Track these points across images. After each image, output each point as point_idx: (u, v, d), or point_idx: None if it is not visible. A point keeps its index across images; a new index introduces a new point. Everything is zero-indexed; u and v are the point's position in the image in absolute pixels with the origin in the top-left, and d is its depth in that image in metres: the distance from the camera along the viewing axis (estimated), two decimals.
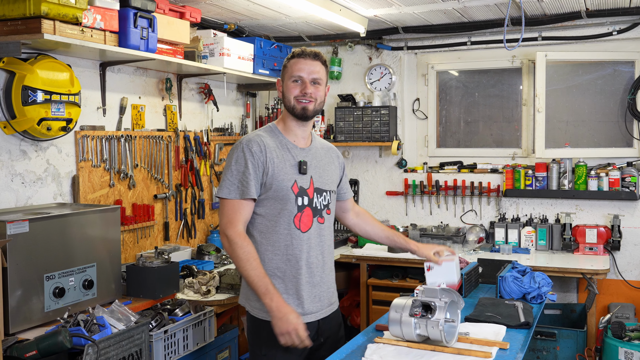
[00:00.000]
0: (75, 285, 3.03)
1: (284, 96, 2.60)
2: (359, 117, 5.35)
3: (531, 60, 5.06)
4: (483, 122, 5.45)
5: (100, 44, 3.38)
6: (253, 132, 2.61)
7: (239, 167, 2.49)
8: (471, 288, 3.46)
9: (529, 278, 3.37)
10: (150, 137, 4.28)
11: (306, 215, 2.56)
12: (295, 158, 2.57)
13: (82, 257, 3.08)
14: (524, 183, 4.96)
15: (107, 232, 3.26)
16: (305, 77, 2.55)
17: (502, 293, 3.29)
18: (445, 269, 2.92)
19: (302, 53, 2.58)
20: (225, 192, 2.49)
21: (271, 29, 5.16)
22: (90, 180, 3.80)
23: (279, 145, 2.57)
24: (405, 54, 5.44)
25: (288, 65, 2.60)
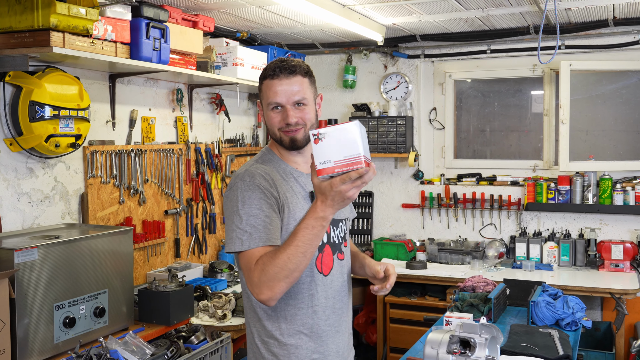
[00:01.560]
0: (86, 314, 2.87)
1: (267, 126, 2.16)
2: (374, 127, 5.19)
3: (553, 69, 4.90)
4: (502, 133, 5.30)
5: (111, 56, 3.22)
6: (249, 164, 2.14)
7: (249, 210, 1.99)
8: (500, 312, 3.30)
9: (561, 303, 3.22)
10: (161, 150, 4.12)
11: (327, 254, 2.17)
12: (305, 188, 2.15)
13: (93, 284, 2.93)
14: (546, 196, 4.81)
15: (119, 255, 3.10)
16: (285, 102, 2.08)
17: (535, 319, 3.14)
18: (342, 137, 1.71)
19: (273, 73, 2.09)
20: (238, 244, 1.97)
21: (284, 37, 5.01)
22: (99, 198, 3.64)
23: (283, 175, 2.14)
24: (422, 62, 5.29)
25: (263, 88, 2.13)
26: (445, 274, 4.52)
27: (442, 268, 4.70)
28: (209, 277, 4.24)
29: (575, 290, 4.13)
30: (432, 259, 4.94)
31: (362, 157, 1.69)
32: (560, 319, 3.12)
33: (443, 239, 5.20)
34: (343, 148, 1.70)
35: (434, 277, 4.53)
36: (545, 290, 3.36)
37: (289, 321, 2.09)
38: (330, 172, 1.72)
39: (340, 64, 5.50)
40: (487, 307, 3.21)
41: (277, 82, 2.08)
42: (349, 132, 1.69)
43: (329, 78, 5.57)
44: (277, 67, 2.09)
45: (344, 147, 1.70)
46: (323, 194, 1.81)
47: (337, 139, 1.70)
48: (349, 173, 1.72)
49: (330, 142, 1.71)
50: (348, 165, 1.70)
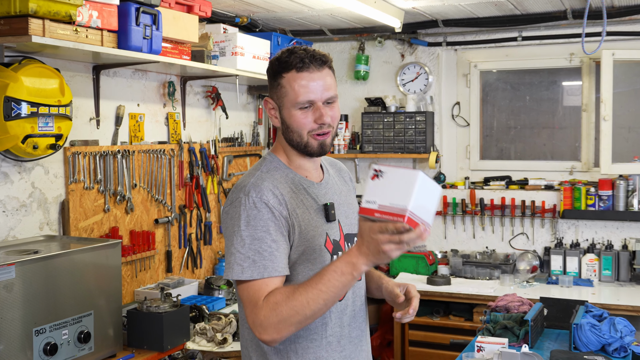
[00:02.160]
0: (69, 339, 2.83)
1: (288, 128, 2.04)
2: (390, 124, 5.15)
3: (593, 58, 4.86)
4: (534, 130, 5.26)
5: (97, 45, 3.19)
6: (252, 174, 2.04)
7: (254, 232, 1.91)
8: (537, 336, 3.26)
9: (608, 325, 3.17)
10: (151, 151, 4.08)
11: None
12: (317, 200, 2.07)
13: (77, 305, 2.89)
14: (585, 203, 4.76)
15: (105, 272, 3.06)
16: (318, 99, 1.98)
17: (577, 344, 3.09)
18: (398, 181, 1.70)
19: (302, 63, 1.97)
20: (237, 271, 1.90)
21: (289, 22, 4.96)
22: (82, 206, 3.60)
23: (292, 187, 2.04)
24: (444, 50, 5.24)
25: (283, 82, 2.00)
26: (472, 291, 4.47)
27: (468, 284, 4.65)
28: (204, 294, 4.20)
29: (619, 309, 4.08)
30: (456, 273, 4.90)
31: (408, 212, 1.63)
32: (607, 343, 3.07)
33: (468, 251, 5.16)
34: (394, 194, 1.66)
35: (459, 294, 4.48)
36: (588, 311, 3.32)
37: (300, 355, 2.02)
38: (370, 214, 1.68)
39: (352, 52, 5.46)
40: (523, 330, 3.17)
41: (308, 74, 1.98)
42: (407, 179, 1.65)
43: (338, 68, 5.52)
44: (305, 57, 1.98)
45: (394, 193, 1.66)
46: (361, 236, 1.76)
47: (393, 181, 1.67)
48: (387, 223, 1.67)
49: (385, 182, 1.68)
50: (388, 214, 1.65)
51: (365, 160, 5.48)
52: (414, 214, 1.64)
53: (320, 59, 2.00)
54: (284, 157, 2.11)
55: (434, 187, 1.70)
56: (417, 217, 1.65)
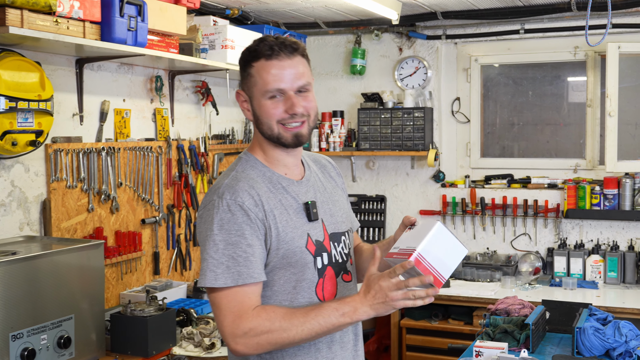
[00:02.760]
0: (48, 345, 2.79)
1: (259, 120, 2.00)
2: (387, 121, 5.12)
3: (598, 52, 4.83)
4: (537, 127, 5.23)
5: (79, 37, 3.15)
6: (227, 175, 2.01)
7: (228, 236, 1.88)
8: (539, 340, 3.23)
9: (612, 329, 3.13)
10: (137, 148, 4.04)
11: (329, 278, 2.05)
12: (297, 199, 2.03)
13: (57, 308, 2.85)
14: (590, 202, 4.73)
15: (87, 274, 3.03)
16: (288, 88, 1.95)
17: (580, 349, 3.05)
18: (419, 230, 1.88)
19: (271, 51, 1.94)
20: (211, 277, 1.86)
21: (282, 15, 4.93)
22: (64, 205, 3.56)
23: (270, 186, 2.00)
24: (444, 43, 5.21)
25: (253, 71, 1.97)
26: (472, 293, 4.44)
27: (468, 286, 4.62)
28: (193, 297, 4.16)
29: (625, 312, 4.05)
30: (456, 275, 4.86)
31: (416, 252, 1.72)
32: (612, 348, 3.03)
33: (469, 252, 5.10)
34: (413, 239, 1.79)
35: (459, 297, 4.45)
36: (592, 314, 3.28)
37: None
38: (389, 256, 1.82)
39: (348, 46, 5.42)
40: (523, 334, 3.14)
41: (277, 62, 1.95)
42: (427, 227, 1.80)
43: (334, 63, 5.48)
44: (274, 44, 1.96)
45: (414, 239, 1.79)
46: (368, 286, 1.82)
47: (419, 230, 1.82)
48: (395, 267, 1.76)
49: (414, 231, 1.85)
50: (400, 254, 1.77)
51: (361, 158, 5.44)
52: (423, 257, 1.73)
53: (291, 46, 1.97)
54: (261, 154, 2.07)
55: (455, 244, 1.81)
56: (427, 262, 1.74)
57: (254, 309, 1.88)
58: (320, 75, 5.51)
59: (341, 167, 5.52)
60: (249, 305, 1.87)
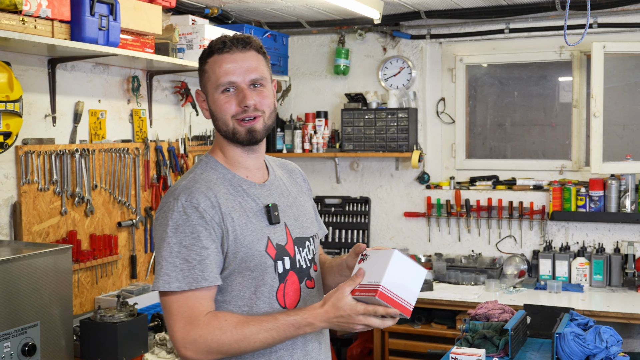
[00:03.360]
0: (12, 352, 2.72)
1: (215, 117, 1.99)
2: (371, 122, 5.06)
3: (584, 51, 4.79)
4: (523, 128, 5.18)
5: (47, 37, 3.08)
6: (186, 177, 1.99)
7: (183, 239, 1.85)
8: (519, 346, 3.17)
9: (593, 335, 3.08)
10: (113, 150, 3.97)
11: (291, 283, 2.00)
12: (258, 202, 2.00)
13: (21, 315, 2.78)
14: (575, 204, 4.68)
15: (54, 280, 2.95)
16: (240, 81, 1.94)
17: (560, 355, 3.00)
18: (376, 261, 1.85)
19: (223, 46, 1.95)
20: (164, 281, 1.83)
21: (263, 14, 4.87)
22: (35, 208, 3.50)
23: (230, 188, 1.97)
24: (428, 43, 5.15)
25: (207, 67, 1.98)
26: (455, 297, 4.38)
27: (452, 289, 4.56)
28: None
29: (609, 316, 4.01)
30: (440, 278, 4.81)
31: (381, 287, 1.75)
32: (592, 354, 2.98)
33: (453, 254, 5.07)
34: (373, 272, 1.79)
35: (442, 301, 4.39)
36: (573, 319, 3.23)
37: None
38: (353, 294, 1.80)
39: (331, 46, 5.37)
40: (503, 339, 3.08)
41: (229, 56, 1.95)
42: (384, 258, 1.80)
43: (317, 63, 5.43)
44: (227, 39, 1.96)
45: (374, 272, 1.79)
46: (337, 307, 1.80)
47: (375, 262, 1.82)
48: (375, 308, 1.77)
49: (368, 264, 1.84)
50: (365, 291, 1.78)
51: (345, 160, 5.38)
52: (387, 290, 1.75)
53: (244, 41, 1.96)
54: (222, 156, 2.05)
55: (415, 268, 1.83)
56: (393, 293, 1.76)
57: (206, 314, 1.85)
58: (304, 76, 5.46)
59: (325, 168, 5.46)
60: (200, 310, 1.84)
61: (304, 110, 5.38)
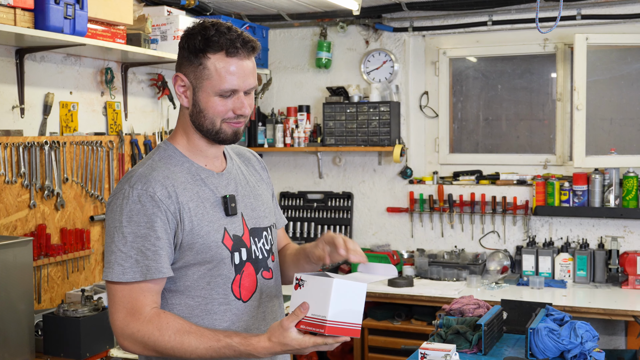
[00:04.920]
0: None
1: (201, 113, 1.90)
2: (353, 115, 5.00)
3: (567, 44, 4.72)
4: (507, 122, 5.13)
5: (8, 25, 3.03)
6: (143, 163, 1.92)
7: (137, 229, 1.80)
8: (493, 342, 3.11)
9: (568, 330, 3.02)
10: (85, 143, 3.91)
11: (247, 275, 1.97)
12: (215, 192, 1.95)
13: None
14: (559, 198, 4.62)
15: (13, 274, 2.90)
16: (241, 88, 1.88)
17: (534, 350, 2.94)
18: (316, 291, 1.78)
19: (234, 46, 1.84)
20: (118, 271, 1.79)
21: (242, 6, 4.80)
22: (2, 201, 3.43)
23: (188, 177, 1.92)
24: (411, 36, 5.09)
25: (208, 63, 1.85)
26: (435, 293, 4.32)
27: (432, 285, 4.50)
28: None
29: (590, 312, 3.95)
30: (422, 274, 4.75)
31: (328, 322, 1.72)
32: (566, 350, 2.92)
33: (436, 250, 5.01)
34: (316, 304, 1.74)
35: (421, 297, 4.33)
36: (549, 314, 3.17)
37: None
38: (298, 327, 1.76)
39: (314, 39, 5.30)
40: (476, 335, 3.02)
41: (237, 61, 1.86)
42: (324, 288, 1.74)
43: (299, 56, 5.36)
44: (236, 39, 1.85)
45: (316, 303, 1.74)
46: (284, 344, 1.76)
47: (313, 290, 1.76)
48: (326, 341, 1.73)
49: (306, 291, 1.77)
50: (311, 325, 1.74)
51: (328, 154, 5.32)
52: (334, 322, 1.72)
53: (252, 46, 1.88)
54: (183, 144, 1.98)
55: (355, 288, 1.78)
56: (340, 323, 1.74)
57: (151, 310, 1.81)
58: (286, 69, 5.39)
59: (307, 163, 5.39)
60: (143, 303, 1.80)
61: (286, 104, 5.32)
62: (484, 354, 2.97)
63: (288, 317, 1.76)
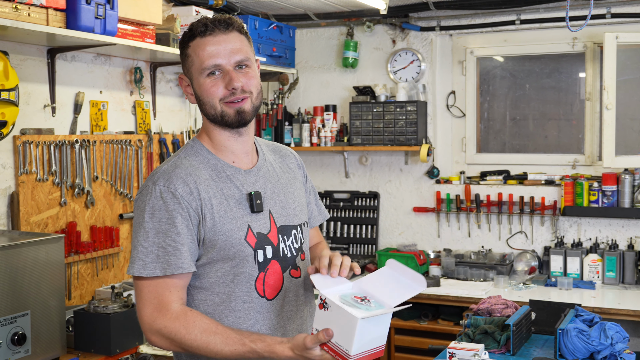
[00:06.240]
0: (0, 341, 2.70)
1: (201, 101, 1.94)
2: (380, 115, 4.98)
3: (597, 43, 4.67)
4: (535, 121, 5.08)
5: (41, 25, 3.06)
6: (169, 161, 1.96)
7: (159, 225, 1.83)
8: (521, 342, 3.09)
9: (598, 331, 2.99)
10: (115, 141, 3.95)
11: (272, 273, 1.96)
12: (241, 189, 1.95)
13: (10, 304, 2.77)
14: (588, 199, 4.57)
15: (46, 270, 2.93)
16: (225, 63, 1.90)
17: (563, 351, 2.92)
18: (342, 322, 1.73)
19: (205, 29, 1.90)
20: (139, 266, 1.82)
21: (270, 6, 4.82)
22: (34, 199, 3.48)
23: (213, 174, 1.94)
24: (438, 35, 5.07)
25: (189, 51, 1.92)
26: (462, 293, 4.30)
27: (459, 286, 4.48)
28: None
29: (620, 314, 3.90)
30: (449, 274, 4.73)
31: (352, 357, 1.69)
32: (596, 351, 2.89)
33: (462, 250, 4.98)
34: (340, 333, 1.71)
35: (448, 297, 4.31)
36: (578, 315, 3.14)
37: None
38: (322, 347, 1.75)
39: (340, 38, 5.30)
40: (504, 335, 3.00)
41: (212, 38, 1.90)
42: (349, 322, 1.69)
43: (326, 56, 5.37)
44: (208, 22, 1.91)
45: (340, 333, 1.71)
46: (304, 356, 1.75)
47: (337, 318, 1.71)
48: None
49: (331, 316, 1.73)
50: (335, 352, 1.71)
51: (354, 154, 5.32)
52: (358, 354, 1.70)
53: (226, 22, 1.92)
54: (208, 141, 2.00)
55: (381, 318, 1.73)
56: (363, 352, 1.71)
57: (179, 307, 1.83)
58: (313, 69, 5.40)
59: (334, 163, 5.40)
60: (169, 299, 1.82)
61: (312, 103, 5.33)
62: (512, 354, 2.95)
63: (311, 338, 1.73)
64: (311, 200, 2.24)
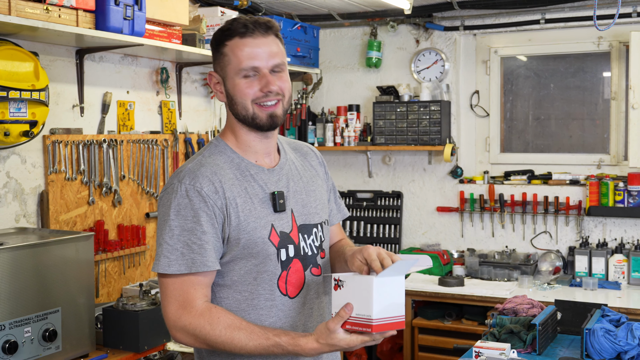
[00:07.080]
0: (32, 337, 2.75)
1: (232, 100, 1.94)
2: (403, 115, 4.99)
3: (623, 42, 4.64)
4: (560, 121, 5.05)
5: (71, 26, 3.10)
6: (193, 159, 1.97)
7: (184, 222, 1.85)
8: (547, 342, 3.08)
9: (625, 331, 2.97)
10: (142, 141, 3.99)
11: (294, 271, 1.98)
12: (265, 188, 1.97)
13: (42, 301, 2.81)
14: (613, 199, 4.54)
15: (76, 267, 2.97)
16: (263, 66, 1.91)
17: (590, 351, 2.90)
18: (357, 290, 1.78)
19: (245, 29, 1.90)
20: (164, 263, 1.84)
21: (294, 6, 4.84)
22: (63, 197, 3.53)
23: (237, 173, 1.95)
24: (462, 35, 5.06)
25: (226, 50, 1.92)
26: (486, 293, 4.28)
27: (483, 285, 4.47)
28: None
29: None
30: (472, 274, 4.72)
31: (374, 321, 1.73)
32: (623, 351, 2.88)
33: (486, 250, 4.97)
34: (359, 303, 1.75)
35: (472, 297, 4.30)
36: (605, 315, 3.13)
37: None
38: (344, 327, 1.77)
39: (364, 38, 5.31)
40: (530, 335, 3.00)
41: (251, 40, 1.91)
42: (367, 288, 1.75)
43: (349, 56, 5.38)
44: (248, 22, 1.92)
45: (359, 302, 1.75)
46: (332, 345, 1.78)
47: (354, 290, 1.77)
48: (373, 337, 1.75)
49: (347, 292, 1.78)
50: (357, 325, 1.75)
51: (377, 153, 5.32)
52: (380, 319, 1.74)
53: (265, 25, 1.93)
54: (232, 140, 2.01)
55: (395, 281, 1.78)
56: (385, 319, 1.75)
57: (203, 303, 1.85)
58: (336, 69, 5.41)
59: (357, 162, 5.41)
60: (194, 296, 1.84)
61: (336, 103, 5.34)
62: (538, 353, 2.94)
63: (333, 319, 1.76)
64: (331, 198, 2.25)
